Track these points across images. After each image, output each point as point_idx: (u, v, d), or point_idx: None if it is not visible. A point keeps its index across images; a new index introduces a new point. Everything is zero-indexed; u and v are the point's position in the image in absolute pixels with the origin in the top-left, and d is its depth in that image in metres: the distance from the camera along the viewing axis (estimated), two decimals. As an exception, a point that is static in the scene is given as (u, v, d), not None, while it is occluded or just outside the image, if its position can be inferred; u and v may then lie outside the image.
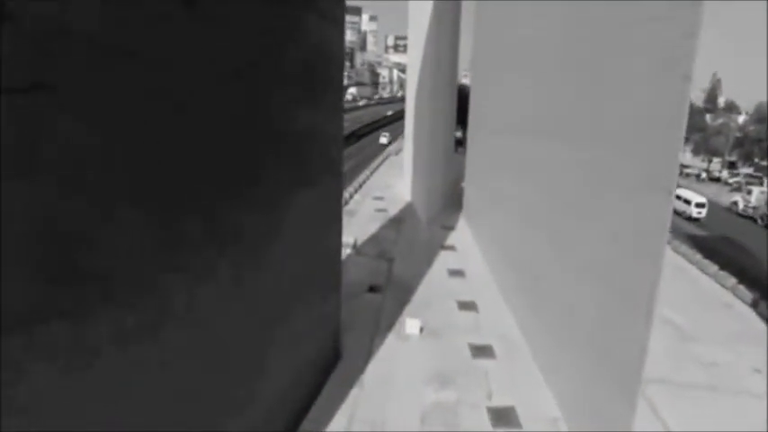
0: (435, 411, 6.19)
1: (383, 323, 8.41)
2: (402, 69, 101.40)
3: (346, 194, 17.01)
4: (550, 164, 7.16)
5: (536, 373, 7.13)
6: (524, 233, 8.57)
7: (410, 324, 8.19)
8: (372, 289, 9.71)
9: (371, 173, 22.00)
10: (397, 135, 42.93)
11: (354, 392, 6.50)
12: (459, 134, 24.63)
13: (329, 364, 6.92)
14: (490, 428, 5.92)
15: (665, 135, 4.13)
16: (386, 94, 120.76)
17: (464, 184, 15.69)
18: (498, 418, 6.10)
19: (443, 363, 7.32)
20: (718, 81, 71.46)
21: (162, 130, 3.16)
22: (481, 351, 7.69)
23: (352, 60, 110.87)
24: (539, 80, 7.77)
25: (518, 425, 6.00)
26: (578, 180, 6.07)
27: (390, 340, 7.92)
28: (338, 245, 7.24)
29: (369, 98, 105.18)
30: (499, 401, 6.43)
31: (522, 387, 6.78)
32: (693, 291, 10.95)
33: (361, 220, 14.55)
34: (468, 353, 7.64)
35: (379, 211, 15.77)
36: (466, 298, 9.59)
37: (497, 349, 7.76)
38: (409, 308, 9.05)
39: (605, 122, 5.29)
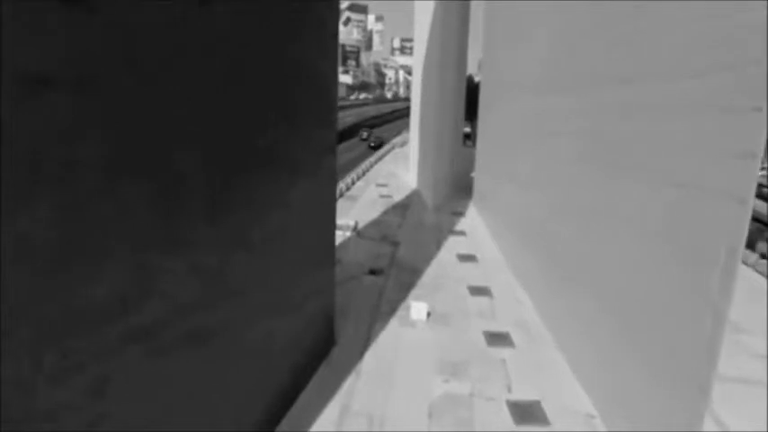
0: (445, 405, 5.17)
1: (384, 308, 7.42)
2: (408, 71, 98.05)
3: (348, 180, 16.07)
4: (583, 118, 6.16)
5: (562, 363, 6.10)
6: (545, 210, 7.55)
7: (416, 308, 7.18)
8: (373, 272, 8.72)
9: (376, 160, 21.03)
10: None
11: (349, 381, 5.50)
12: (467, 129, 24.10)
13: (321, 350, 5.94)
14: (513, 427, 4.89)
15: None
16: (390, 95, 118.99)
17: (474, 174, 14.76)
18: (521, 413, 5.07)
19: (454, 351, 6.31)
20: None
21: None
22: (497, 339, 6.67)
23: (357, 59, 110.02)
24: (566, 29, 6.78)
25: (545, 422, 4.97)
26: (619, 127, 5.07)
27: (392, 326, 6.92)
28: (332, 217, 6.27)
29: (343, 98, 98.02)
30: (521, 395, 5.40)
31: (547, 379, 5.76)
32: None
33: (363, 205, 13.59)
34: (482, 340, 6.62)
35: (383, 197, 14.80)
36: (478, 283, 8.57)
37: (515, 337, 6.74)
38: (415, 292, 8.05)
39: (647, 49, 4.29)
